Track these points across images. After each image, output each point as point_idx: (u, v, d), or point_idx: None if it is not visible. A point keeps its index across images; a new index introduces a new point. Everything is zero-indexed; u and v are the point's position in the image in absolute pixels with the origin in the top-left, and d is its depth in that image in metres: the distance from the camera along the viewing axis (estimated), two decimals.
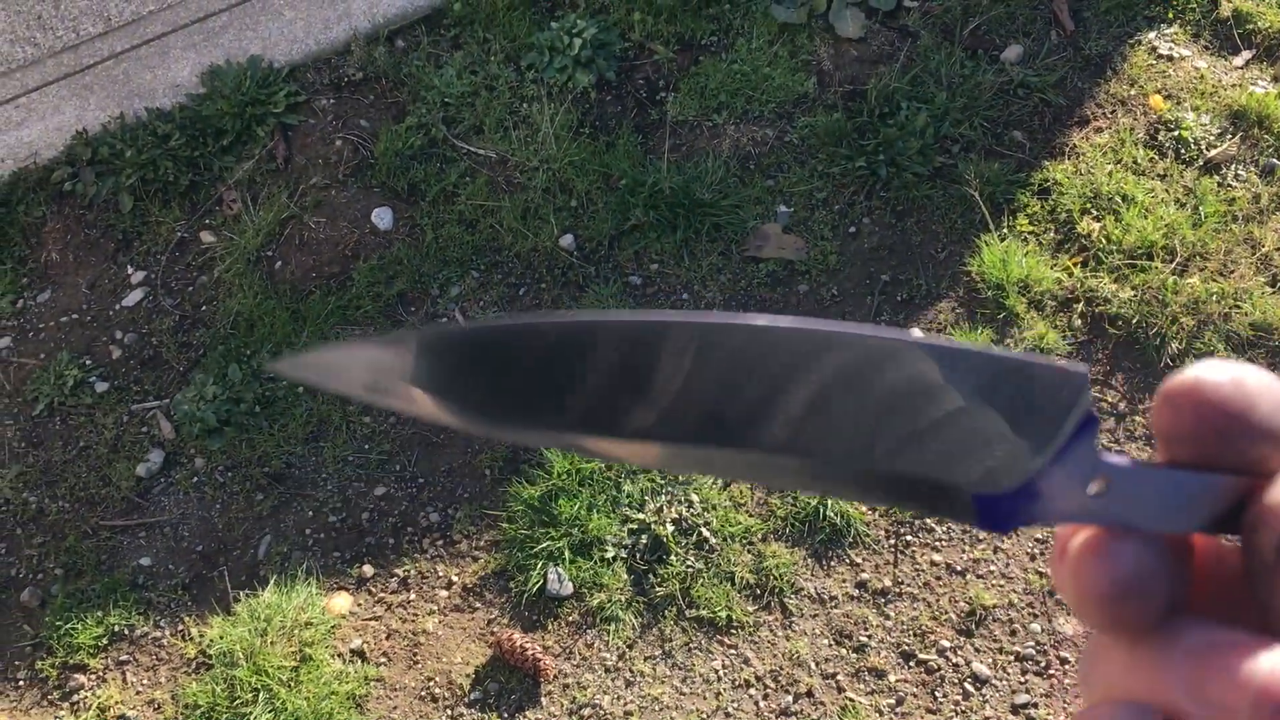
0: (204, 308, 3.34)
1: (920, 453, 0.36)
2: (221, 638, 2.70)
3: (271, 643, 2.67)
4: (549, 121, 3.45)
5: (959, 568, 2.70)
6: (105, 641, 2.80)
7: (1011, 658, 2.57)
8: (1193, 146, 3.30)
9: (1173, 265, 3.06)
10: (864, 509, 2.79)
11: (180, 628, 2.81)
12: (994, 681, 2.54)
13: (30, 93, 3.77)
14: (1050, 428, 0.35)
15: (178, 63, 3.76)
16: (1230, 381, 0.34)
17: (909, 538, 2.75)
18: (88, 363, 3.27)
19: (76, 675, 2.76)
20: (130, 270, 3.44)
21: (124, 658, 2.78)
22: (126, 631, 2.81)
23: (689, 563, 2.72)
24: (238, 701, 2.60)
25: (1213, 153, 3.27)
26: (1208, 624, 0.34)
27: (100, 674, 2.76)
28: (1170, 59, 3.50)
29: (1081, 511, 0.35)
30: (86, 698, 2.72)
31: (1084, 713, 0.35)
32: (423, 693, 2.65)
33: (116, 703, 2.70)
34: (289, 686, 2.61)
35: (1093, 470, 0.35)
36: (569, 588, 2.71)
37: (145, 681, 2.74)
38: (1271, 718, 0.31)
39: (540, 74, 3.59)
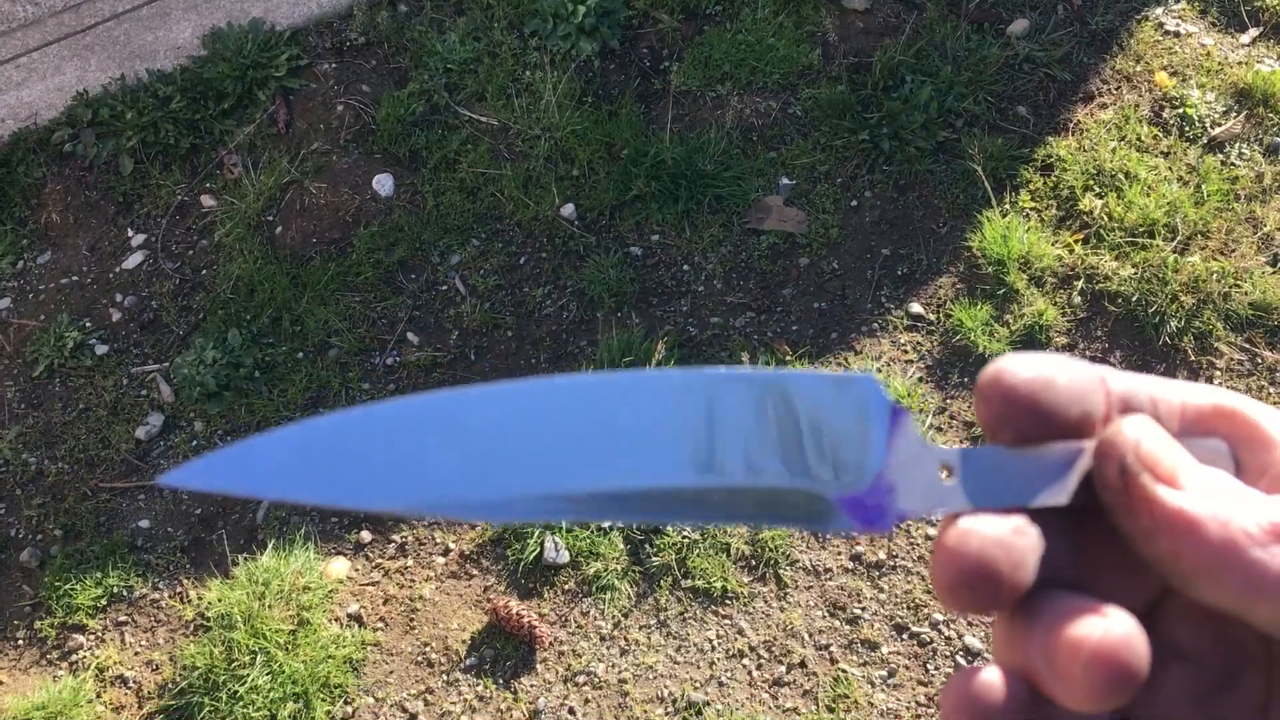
0: (204, 272, 3.34)
1: (781, 469, 0.38)
2: (219, 600, 2.71)
3: (269, 606, 2.68)
4: (551, 90, 3.44)
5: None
6: (104, 602, 2.81)
7: None
8: (1197, 124, 3.29)
9: (1174, 243, 3.06)
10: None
11: (179, 590, 2.83)
12: (986, 654, 2.56)
13: (31, 52, 3.75)
14: (868, 426, 0.38)
15: (179, 24, 3.74)
16: (1028, 368, 0.37)
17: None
18: (88, 325, 3.27)
19: (75, 635, 2.78)
20: (130, 233, 3.44)
21: (122, 619, 2.80)
22: (125, 593, 2.83)
23: (685, 533, 2.74)
24: (235, 664, 2.62)
25: (1217, 131, 3.26)
26: (1066, 595, 0.35)
27: (99, 634, 2.78)
28: (1177, 35, 3.48)
29: (941, 498, 0.38)
30: (85, 658, 2.74)
31: (956, 676, 0.37)
32: (419, 658, 2.67)
33: (115, 663, 2.73)
34: (286, 650, 2.63)
35: (933, 458, 0.38)
36: (565, 556, 2.73)
37: (143, 642, 2.76)
38: (1103, 684, 0.32)
39: (543, 41, 3.57)
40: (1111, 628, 0.33)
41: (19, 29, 3.80)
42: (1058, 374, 0.37)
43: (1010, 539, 0.35)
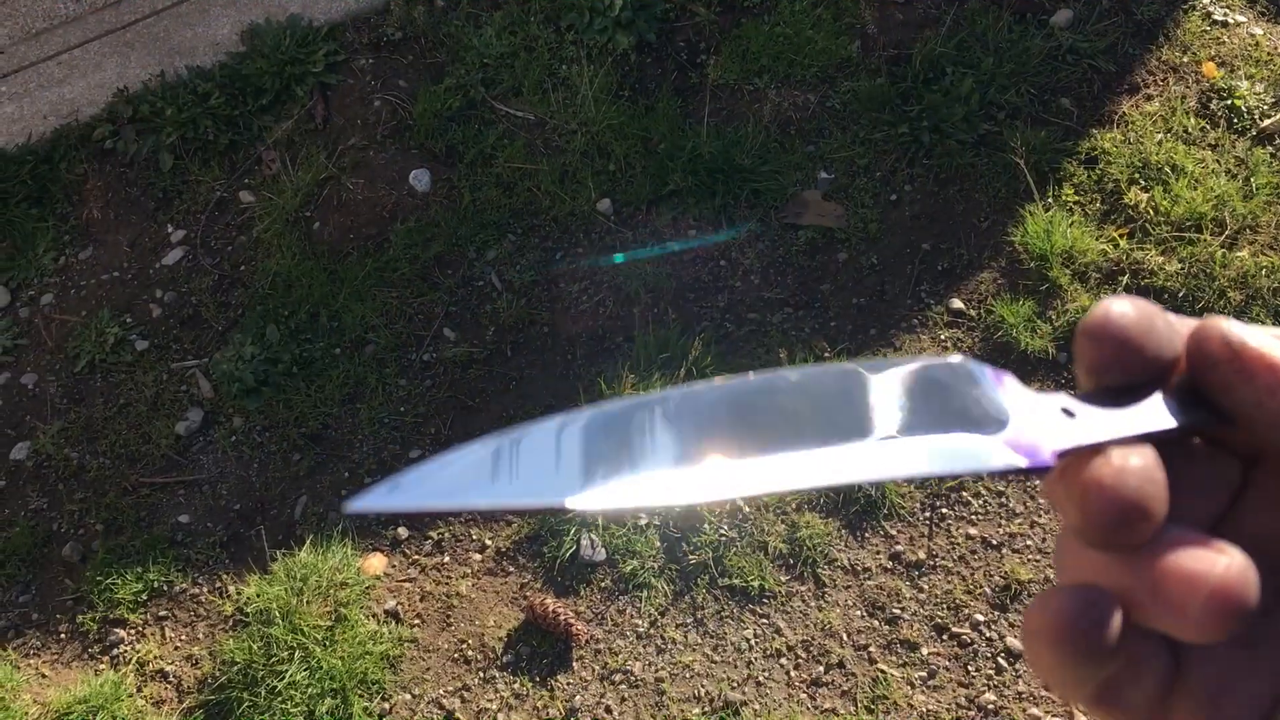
0: (243, 267, 3.36)
1: (935, 424, 0.40)
2: (258, 596, 2.73)
3: (307, 602, 2.70)
4: (588, 84, 3.42)
5: (994, 542, 2.68)
6: (145, 597, 2.84)
7: None
8: (1246, 116, 3.22)
9: (1222, 238, 3.00)
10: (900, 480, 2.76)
11: (218, 585, 2.85)
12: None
13: (72, 49, 3.78)
14: (981, 388, 0.40)
15: (218, 20, 3.75)
16: (1135, 310, 0.38)
17: (944, 510, 2.73)
18: (128, 320, 3.30)
19: (116, 630, 2.80)
20: (170, 229, 3.46)
21: (163, 613, 2.82)
22: (165, 588, 2.85)
23: (722, 531, 2.72)
24: (274, 659, 2.63)
25: (1266, 123, 3.19)
26: (1173, 525, 0.36)
27: (140, 629, 2.81)
28: (1225, 25, 3.41)
29: (1076, 434, 0.38)
30: (126, 652, 2.77)
31: (1043, 596, 0.37)
32: (455, 655, 2.67)
33: (155, 657, 2.75)
34: (324, 645, 2.64)
35: (1051, 404, 0.39)
36: (602, 554, 2.72)
37: (183, 637, 2.78)
38: (1219, 618, 0.33)
39: (580, 35, 3.55)
40: (1230, 564, 0.34)
41: (60, 26, 3.83)
42: (1155, 316, 0.39)
43: (1158, 475, 0.36)
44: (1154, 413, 0.38)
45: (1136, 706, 0.38)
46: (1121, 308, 0.38)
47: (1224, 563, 0.34)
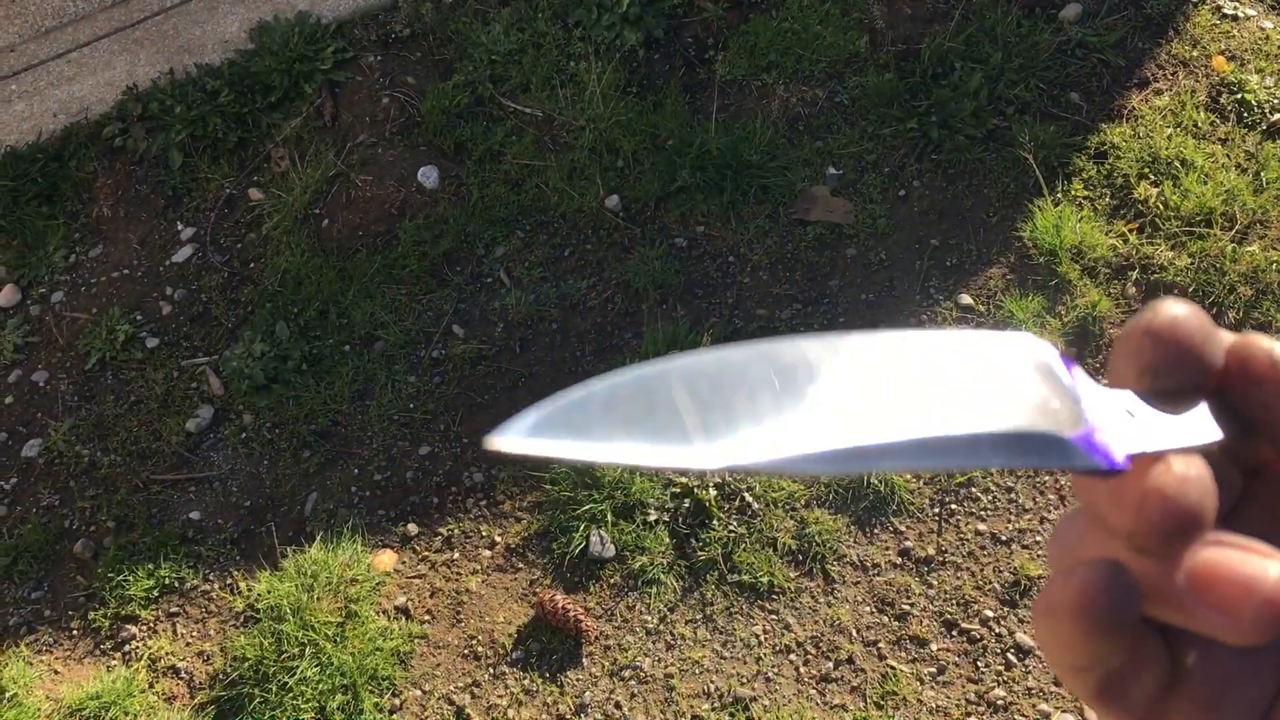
0: (252, 265, 3.37)
1: (1017, 416, 0.38)
2: (269, 592, 2.74)
3: (318, 598, 2.71)
4: (596, 80, 3.42)
5: (1004, 537, 2.68)
6: (156, 594, 2.85)
7: None
8: (1256, 110, 3.21)
9: (1232, 232, 2.99)
10: (909, 476, 2.77)
11: (229, 581, 2.86)
12: (1037, 652, 2.53)
13: (81, 47, 3.79)
14: (1054, 375, 0.39)
15: (226, 18, 3.76)
16: (1196, 316, 0.38)
17: (953, 506, 2.73)
18: (138, 318, 3.31)
19: (128, 626, 2.82)
20: (180, 226, 3.47)
21: (174, 610, 2.83)
22: (176, 584, 2.86)
23: (731, 527, 2.72)
24: (285, 655, 2.64)
25: (1277, 116, 3.18)
26: (1221, 530, 0.36)
27: (151, 625, 2.82)
28: (1235, 19, 3.40)
29: (1144, 438, 0.38)
30: (138, 648, 2.78)
31: (1062, 572, 0.37)
32: (466, 651, 2.68)
33: (167, 653, 2.76)
34: (335, 642, 2.65)
35: (1117, 401, 0.38)
36: (611, 550, 2.72)
37: (195, 633, 2.80)
38: (1273, 622, 0.33)
39: (588, 31, 3.55)
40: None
41: (70, 24, 3.84)
42: (1210, 323, 0.39)
43: (1212, 486, 0.36)
44: (1205, 422, 0.38)
45: (1137, 703, 0.38)
46: (1186, 310, 0.38)
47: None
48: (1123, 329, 0.39)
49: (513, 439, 0.37)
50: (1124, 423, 0.38)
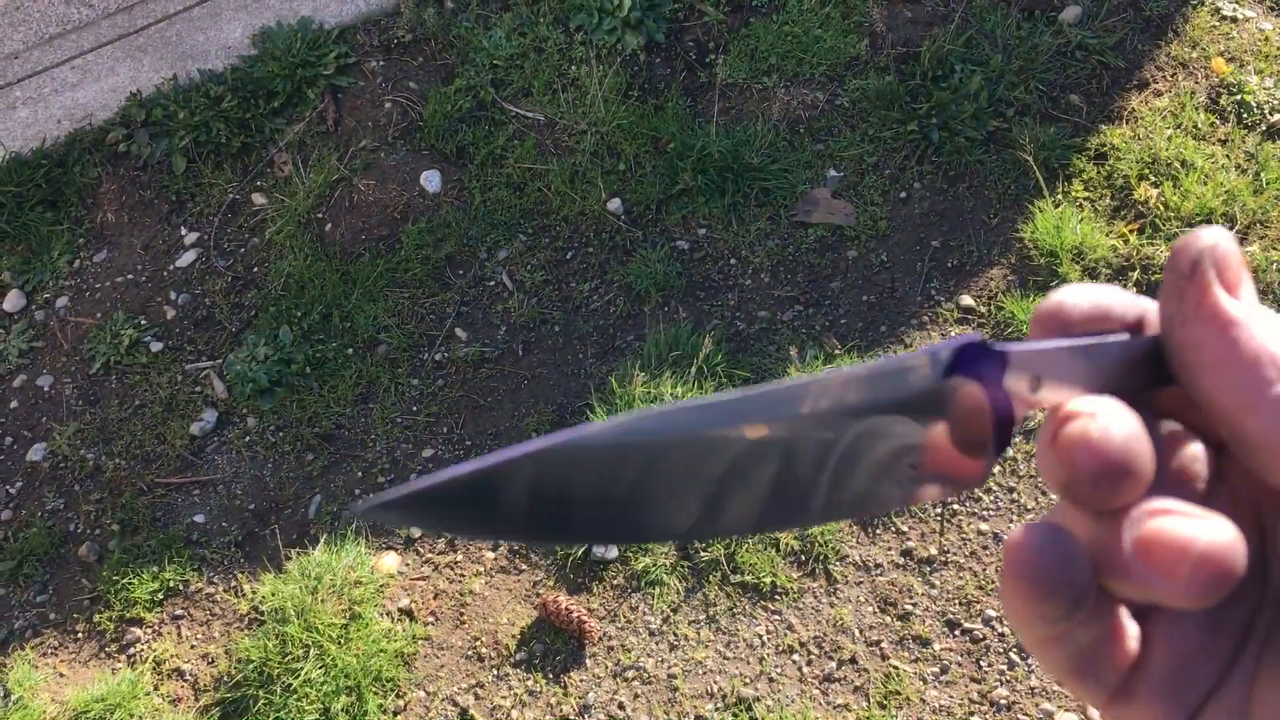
0: (255, 269, 3.38)
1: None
2: (273, 594, 2.75)
3: (322, 600, 2.71)
4: (597, 84, 3.43)
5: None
6: (161, 596, 2.86)
7: None
8: (1255, 111, 3.22)
9: (1232, 233, 2.99)
10: None
11: (233, 584, 2.87)
12: None
13: (85, 54, 3.81)
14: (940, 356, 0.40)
15: (229, 24, 3.78)
16: (1086, 298, 0.40)
17: (955, 506, 2.74)
18: (143, 322, 3.32)
19: (133, 629, 2.83)
20: (184, 231, 3.48)
21: (179, 612, 2.84)
22: (181, 587, 2.87)
23: None
24: (289, 657, 2.65)
25: (1276, 117, 3.19)
26: (1158, 493, 0.36)
27: (156, 628, 2.83)
28: (1234, 20, 3.41)
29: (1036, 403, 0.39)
30: (143, 650, 2.79)
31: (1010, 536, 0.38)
32: (469, 652, 2.68)
33: (172, 656, 2.77)
34: (339, 643, 2.66)
35: (1020, 366, 0.39)
36: (614, 551, 2.73)
37: (199, 636, 2.80)
38: (1208, 583, 0.34)
39: (589, 35, 3.57)
40: (1219, 532, 0.34)
41: (73, 31, 3.86)
42: (1113, 302, 0.40)
43: (1143, 435, 0.36)
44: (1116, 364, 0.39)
45: (1108, 681, 0.39)
46: (1073, 298, 0.40)
47: (1212, 530, 0.35)
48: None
49: (374, 510, 0.39)
50: (1021, 394, 0.39)
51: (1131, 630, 0.38)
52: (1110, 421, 0.36)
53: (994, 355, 0.39)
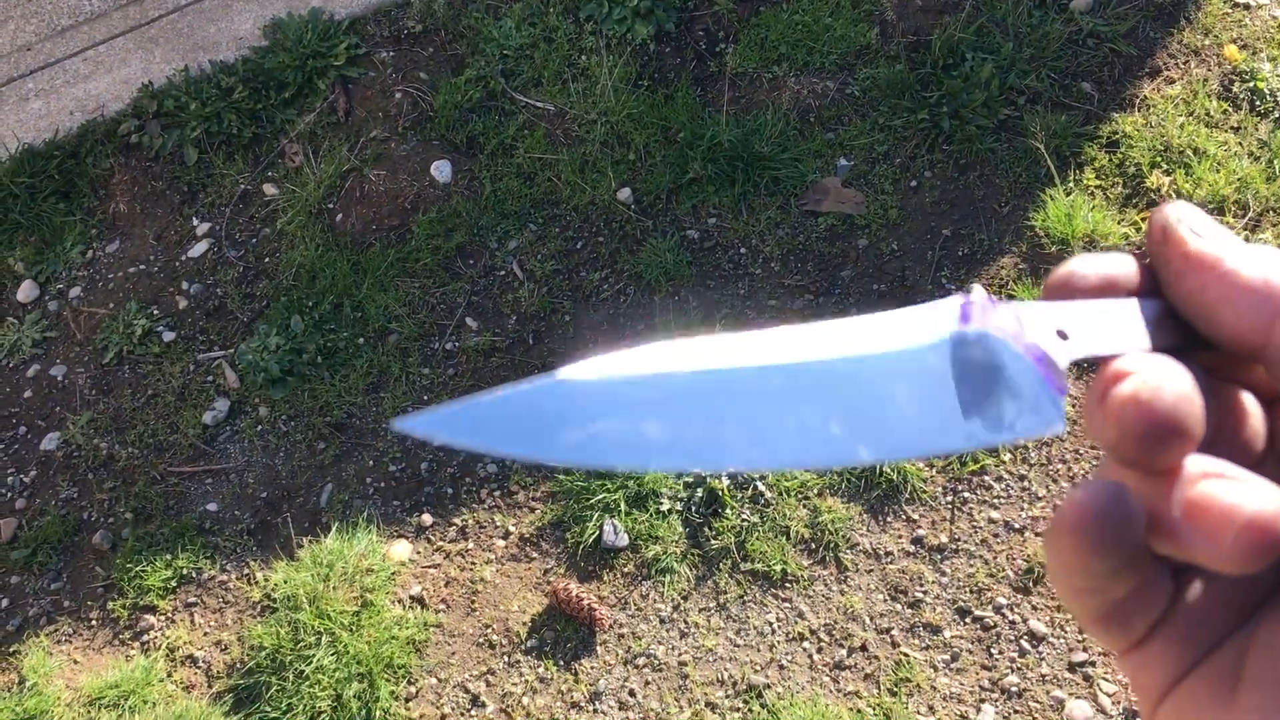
0: (267, 259, 3.39)
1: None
2: (285, 582, 2.76)
3: (334, 588, 2.72)
4: (607, 74, 3.43)
5: (1017, 525, 2.68)
6: (174, 584, 2.87)
7: (1069, 616, 2.55)
8: (1268, 98, 3.20)
9: (1245, 220, 2.99)
10: (921, 464, 2.77)
11: (245, 572, 2.88)
12: (1051, 639, 2.53)
13: (97, 45, 3.82)
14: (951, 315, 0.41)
15: (240, 15, 3.79)
16: (1097, 268, 0.41)
17: (966, 494, 2.74)
18: (155, 312, 3.34)
19: (146, 616, 2.84)
20: (195, 222, 3.50)
21: (192, 600, 2.86)
22: (194, 575, 2.88)
23: (744, 516, 2.73)
24: (301, 644, 2.66)
25: None
26: (1205, 455, 0.37)
27: (169, 615, 2.84)
28: (1247, 7, 3.39)
29: (1077, 351, 0.40)
30: (156, 638, 2.81)
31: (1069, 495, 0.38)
32: (480, 639, 2.69)
33: (185, 643, 2.78)
34: (351, 631, 2.67)
35: (1050, 322, 0.40)
36: (625, 539, 2.74)
37: (212, 623, 2.82)
38: (1253, 550, 0.34)
39: (599, 25, 3.57)
40: (1268, 499, 0.35)
41: (85, 22, 3.88)
42: (1122, 271, 0.42)
43: (1195, 395, 0.36)
44: (1136, 327, 0.40)
45: (1135, 631, 0.39)
46: (1083, 269, 0.41)
47: (1261, 496, 0.35)
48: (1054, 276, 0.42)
49: (414, 425, 0.39)
50: (1056, 344, 0.39)
51: (1165, 585, 0.39)
52: (1162, 380, 0.36)
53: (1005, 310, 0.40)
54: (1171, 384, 0.36)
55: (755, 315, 3.05)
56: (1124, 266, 0.42)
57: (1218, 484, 0.35)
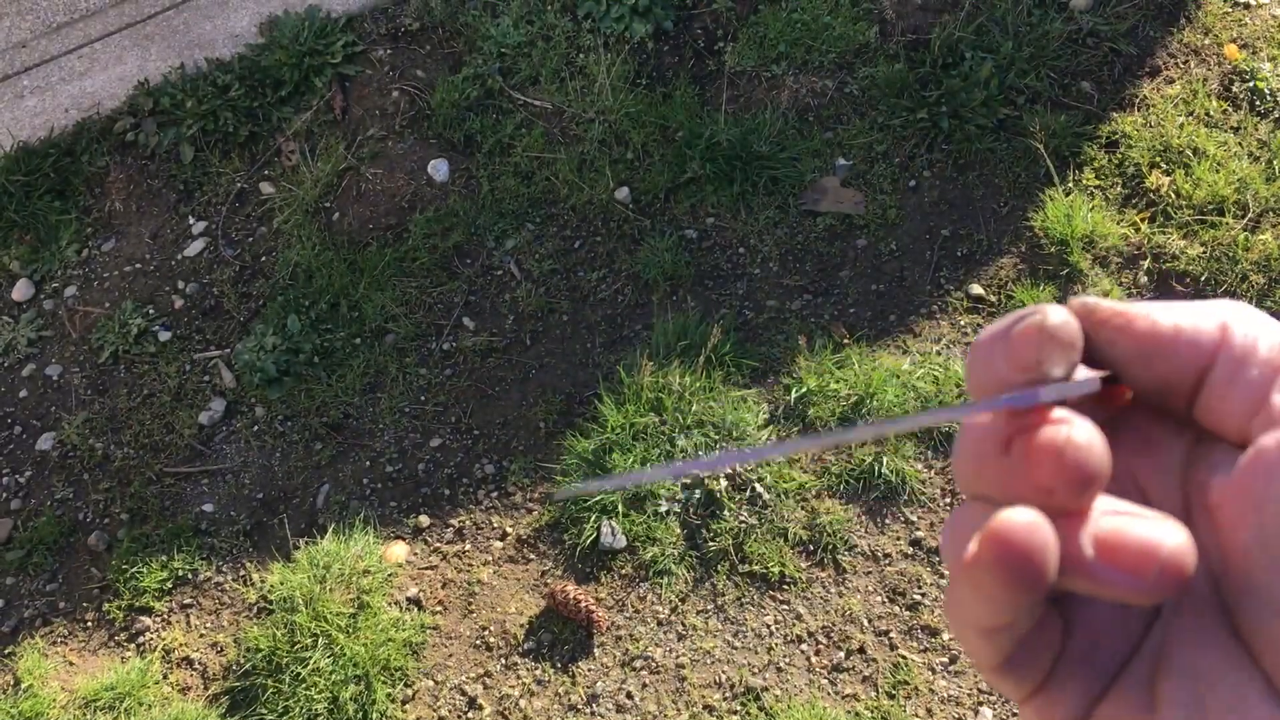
0: (263, 258, 3.38)
1: None
2: (282, 584, 2.75)
3: (330, 589, 2.72)
4: (605, 72, 3.42)
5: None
6: (170, 585, 2.86)
7: None
8: (1268, 98, 3.19)
9: (1244, 221, 2.98)
10: (920, 466, 2.76)
11: (242, 573, 2.87)
12: None
13: (93, 42, 3.80)
14: None
15: (237, 12, 3.77)
16: (1069, 312, 0.40)
17: (964, 497, 2.73)
18: (151, 311, 3.32)
19: (142, 618, 2.83)
20: (192, 220, 3.48)
21: (188, 601, 2.85)
22: (190, 576, 2.87)
23: (742, 518, 2.72)
24: (298, 646, 2.65)
25: None
26: (1108, 497, 0.38)
27: (165, 617, 2.83)
28: (1247, 6, 3.38)
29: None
30: (152, 639, 2.80)
31: (982, 522, 0.37)
32: (477, 641, 2.68)
33: (181, 644, 2.77)
34: (347, 632, 2.66)
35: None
36: (622, 541, 2.73)
37: (208, 625, 2.81)
38: (1171, 584, 0.35)
39: (597, 23, 3.55)
40: (1177, 534, 0.36)
41: (81, 19, 3.86)
42: (1102, 312, 0.41)
43: (1104, 442, 0.37)
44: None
45: (1037, 671, 0.39)
46: (1056, 316, 0.40)
47: (1171, 532, 0.36)
48: (995, 329, 0.40)
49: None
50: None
51: (1056, 621, 0.39)
52: (1084, 427, 0.37)
53: None
54: (1089, 429, 0.37)
55: (754, 315, 3.04)
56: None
57: (1129, 521, 0.36)
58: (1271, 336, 0.39)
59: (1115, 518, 0.37)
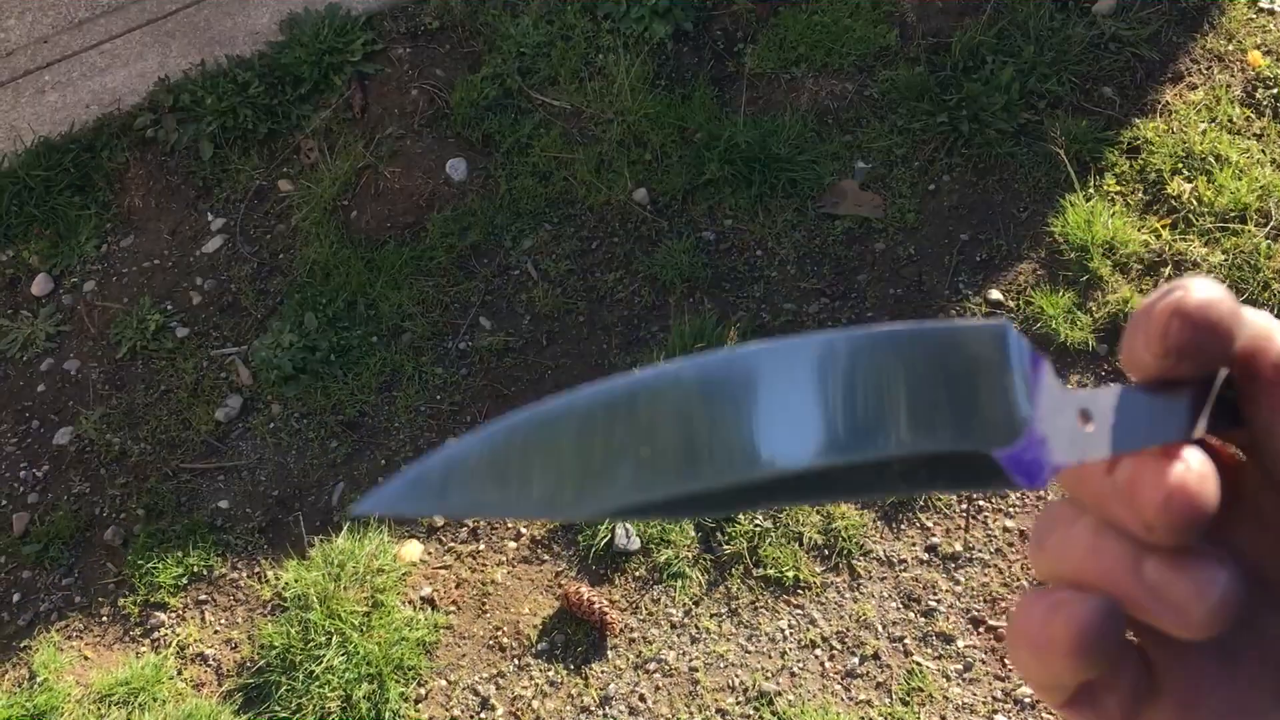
0: (281, 256, 3.39)
1: (930, 430, 0.35)
2: (296, 581, 2.76)
3: (344, 588, 2.72)
4: (624, 73, 3.42)
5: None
6: (185, 581, 2.87)
7: None
8: None
9: (1267, 229, 2.96)
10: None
11: (256, 570, 2.88)
12: None
13: (114, 39, 3.82)
14: (1010, 376, 0.36)
15: (257, 10, 3.78)
16: (1218, 292, 0.36)
17: (981, 503, 2.72)
18: (169, 308, 3.33)
19: (157, 613, 2.84)
20: (210, 217, 3.49)
21: (203, 597, 2.86)
22: (205, 572, 2.88)
23: (757, 522, 2.72)
24: (311, 644, 2.66)
25: None
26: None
27: (180, 613, 2.84)
28: (1271, 13, 3.36)
29: (1086, 446, 0.36)
30: (166, 635, 2.81)
31: (1048, 601, 0.36)
32: (490, 642, 2.68)
33: (195, 641, 2.78)
34: (361, 631, 2.67)
35: (1072, 405, 0.36)
36: (636, 543, 2.72)
37: (223, 621, 2.82)
38: (1224, 619, 0.34)
39: (617, 24, 3.55)
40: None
41: (102, 15, 3.87)
42: (1238, 306, 0.37)
43: (1216, 484, 0.35)
44: (1182, 417, 0.36)
45: (1111, 712, 0.38)
46: (1219, 292, 0.36)
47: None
48: (1142, 306, 0.36)
49: (370, 506, 0.37)
50: (1070, 432, 0.36)
51: (1137, 660, 0.38)
52: (1198, 470, 0.35)
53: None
54: (1209, 473, 0.35)
55: (771, 319, 3.03)
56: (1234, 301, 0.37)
57: (1187, 559, 0.35)
58: None
59: (1178, 555, 0.35)
